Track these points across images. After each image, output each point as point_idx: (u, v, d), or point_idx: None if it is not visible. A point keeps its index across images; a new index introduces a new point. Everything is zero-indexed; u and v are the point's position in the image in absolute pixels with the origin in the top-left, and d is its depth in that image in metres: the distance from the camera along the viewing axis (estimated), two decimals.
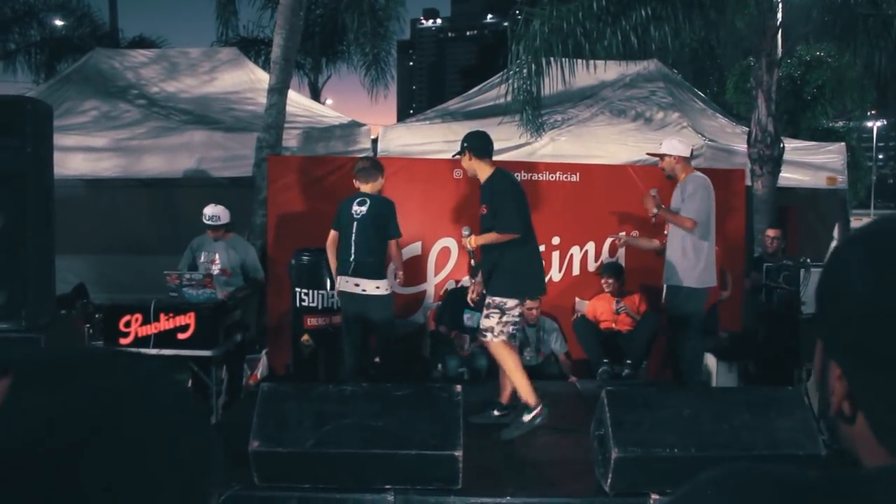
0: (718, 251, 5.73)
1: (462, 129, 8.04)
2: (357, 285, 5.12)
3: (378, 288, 5.12)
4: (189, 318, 5.02)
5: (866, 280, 0.72)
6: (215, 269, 5.80)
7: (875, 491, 0.67)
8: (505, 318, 4.61)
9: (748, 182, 7.08)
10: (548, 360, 6.29)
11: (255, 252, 6.17)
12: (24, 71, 13.43)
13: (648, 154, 6.01)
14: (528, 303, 6.25)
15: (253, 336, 6.36)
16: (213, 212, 5.89)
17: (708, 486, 0.71)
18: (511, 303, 4.63)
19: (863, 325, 0.72)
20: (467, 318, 6.19)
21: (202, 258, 5.93)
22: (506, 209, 4.63)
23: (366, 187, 5.29)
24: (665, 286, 5.42)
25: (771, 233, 6.78)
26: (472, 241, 4.80)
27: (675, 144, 5.42)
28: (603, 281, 6.37)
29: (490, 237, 4.68)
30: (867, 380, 0.75)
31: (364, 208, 5.18)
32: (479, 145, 4.82)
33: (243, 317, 5.83)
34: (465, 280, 6.50)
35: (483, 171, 4.81)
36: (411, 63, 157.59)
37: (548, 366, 6.28)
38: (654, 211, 5.38)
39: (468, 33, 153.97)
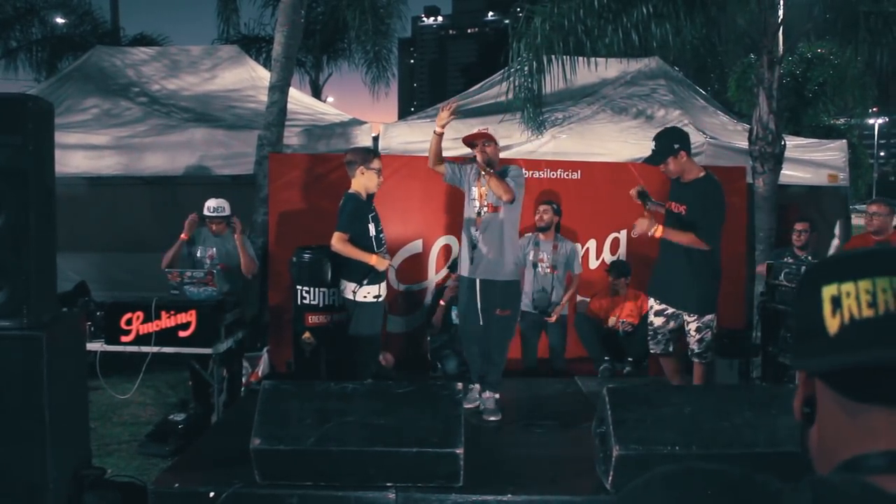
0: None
1: (463, 126, 8.01)
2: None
3: (344, 290, 5.08)
4: (190, 316, 5.02)
5: None
6: (209, 264, 5.81)
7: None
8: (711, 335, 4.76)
9: (749, 180, 7.07)
10: (553, 354, 6.28)
11: (250, 244, 6.15)
12: (25, 69, 13.47)
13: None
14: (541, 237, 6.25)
15: (252, 331, 6.35)
16: (217, 203, 5.89)
17: (660, 479, 0.73)
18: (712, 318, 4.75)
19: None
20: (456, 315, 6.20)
21: (199, 252, 5.93)
22: (714, 219, 4.58)
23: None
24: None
25: (799, 226, 6.63)
26: (658, 232, 4.49)
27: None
28: (611, 279, 6.35)
29: (684, 237, 4.52)
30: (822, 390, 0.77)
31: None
32: (688, 144, 4.69)
33: (243, 314, 5.83)
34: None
35: (692, 171, 4.67)
36: (412, 61, 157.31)
37: (553, 361, 6.28)
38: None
39: (469, 31, 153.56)
